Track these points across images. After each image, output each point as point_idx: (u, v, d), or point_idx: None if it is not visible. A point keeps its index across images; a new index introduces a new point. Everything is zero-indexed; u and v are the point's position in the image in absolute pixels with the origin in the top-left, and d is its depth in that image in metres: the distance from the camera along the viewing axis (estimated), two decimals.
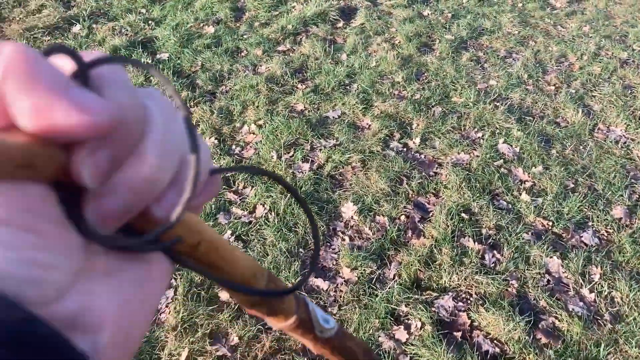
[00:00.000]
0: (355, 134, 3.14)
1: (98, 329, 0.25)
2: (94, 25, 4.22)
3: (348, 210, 2.66)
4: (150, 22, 4.26)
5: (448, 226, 2.59)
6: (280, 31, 4.16)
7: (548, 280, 2.39)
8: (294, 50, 3.97)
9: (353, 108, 3.34)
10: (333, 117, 3.28)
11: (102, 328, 0.25)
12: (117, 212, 0.25)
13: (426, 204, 2.73)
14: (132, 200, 0.25)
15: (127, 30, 4.17)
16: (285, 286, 0.42)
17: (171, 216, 0.27)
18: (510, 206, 2.73)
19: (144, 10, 4.48)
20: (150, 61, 3.74)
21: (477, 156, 3.02)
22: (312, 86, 3.55)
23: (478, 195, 2.75)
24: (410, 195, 2.77)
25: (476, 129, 3.23)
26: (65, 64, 0.24)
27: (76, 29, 4.17)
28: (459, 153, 3.04)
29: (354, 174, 2.88)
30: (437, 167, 2.96)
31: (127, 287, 0.27)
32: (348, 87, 3.56)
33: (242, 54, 3.91)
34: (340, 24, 4.34)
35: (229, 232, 2.52)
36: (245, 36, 4.12)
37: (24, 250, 0.22)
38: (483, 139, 3.15)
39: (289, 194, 2.69)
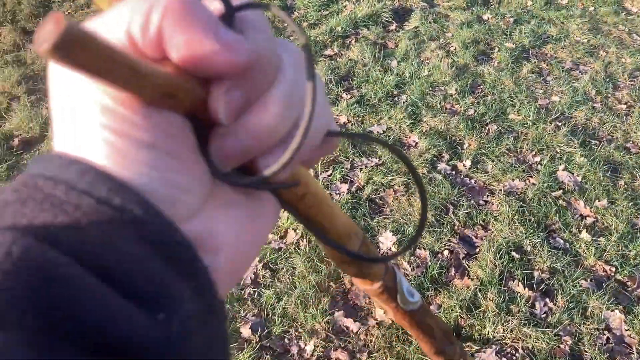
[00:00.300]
0: (400, 153, 2.92)
1: (216, 251, 0.28)
2: None
3: (386, 240, 2.45)
4: None
5: (496, 266, 2.34)
6: (328, 33, 3.95)
7: (607, 339, 2.12)
8: (342, 54, 3.76)
9: (400, 123, 3.12)
10: (378, 132, 3.07)
11: (220, 250, 0.28)
12: (235, 153, 0.27)
13: (473, 237, 2.49)
14: (251, 146, 0.27)
15: None
16: (376, 253, 0.44)
17: (274, 167, 0.28)
18: (567, 245, 2.45)
19: None
20: None
21: (534, 184, 2.74)
22: (357, 96, 3.34)
23: (532, 231, 2.49)
24: (456, 227, 2.53)
25: (534, 152, 2.94)
26: (214, 7, 0.27)
27: None
28: (513, 180, 2.77)
29: (396, 199, 2.67)
30: (488, 195, 2.70)
31: (243, 219, 0.30)
32: (396, 98, 3.33)
33: None
34: (392, 27, 4.10)
35: (256, 259, 2.36)
36: (291, 38, 3.94)
37: (165, 172, 0.25)
38: (541, 165, 2.86)
39: None
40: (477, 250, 2.43)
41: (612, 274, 2.34)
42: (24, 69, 3.57)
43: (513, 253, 2.40)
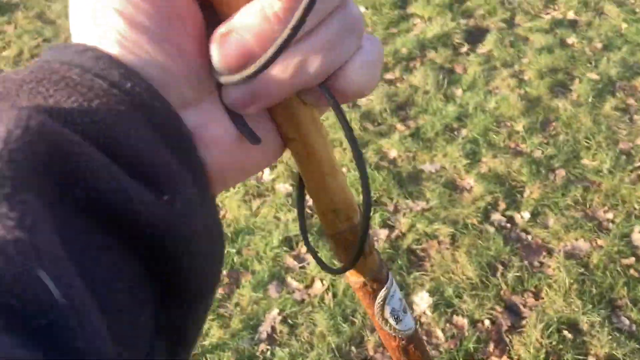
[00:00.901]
0: (451, 197, 2.66)
1: (208, 146, 0.28)
2: None
3: (422, 301, 2.22)
4: None
5: (542, 346, 2.05)
6: (392, 54, 3.72)
7: None
8: (403, 79, 3.53)
9: (455, 162, 2.85)
10: (429, 171, 2.82)
11: (212, 147, 0.29)
12: (237, 51, 0.27)
13: (521, 306, 2.21)
14: (252, 46, 0.27)
15: None
16: (366, 247, 0.40)
17: (259, 62, 0.27)
18: (634, 328, 2.11)
19: None
20: None
21: (601, 247, 2.40)
22: (413, 128, 3.10)
23: (591, 306, 2.17)
24: (502, 292, 2.26)
25: (606, 208, 2.58)
26: None
27: None
28: (577, 239, 2.44)
29: (439, 252, 2.42)
30: (544, 256, 2.39)
31: (237, 134, 0.30)
32: (455, 133, 3.06)
33: None
34: (463, 49, 3.80)
35: (276, 310, 2.21)
36: None
37: (160, 57, 0.26)
38: (613, 223, 2.51)
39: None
40: (523, 322, 2.15)
41: None
42: None
43: (565, 331, 2.10)
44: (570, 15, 4.10)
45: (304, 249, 2.47)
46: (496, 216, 2.56)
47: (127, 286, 0.23)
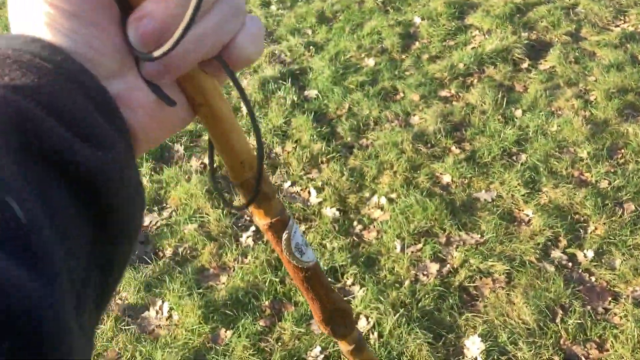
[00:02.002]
0: (507, 230, 2.50)
1: (134, 109, 0.35)
2: None
3: (473, 346, 2.09)
4: (311, 47, 3.96)
5: None
6: (448, 70, 3.57)
7: None
8: (459, 97, 3.37)
9: (513, 191, 2.68)
10: (485, 200, 2.66)
11: (138, 109, 0.35)
12: (150, 33, 0.33)
13: (583, 358, 2.04)
14: (162, 28, 0.33)
15: (285, 56, 3.92)
16: (267, 192, 0.49)
17: (165, 46, 0.33)
18: None
19: (309, 31, 4.20)
20: (296, 97, 3.43)
21: None
22: (468, 151, 2.94)
23: None
24: (562, 340, 2.09)
25: None
26: None
27: None
28: None
29: (494, 291, 2.28)
30: (610, 301, 2.21)
31: (156, 99, 0.37)
32: (514, 158, 2.89)
33: (397, 97, 3.42)
34: (524, 65, 3.60)
35: (319, 348, 2.12)
36: (407, 73, 3.61)
37: (88, 38, 0.33)
38: None
39: (401, 309, 2.20)
40: None
41: None
42: None
43: None
44: None
45: (349, 281, 2.37)
46: (556, 253, 2.39)
47: (70, 217, 0.28)
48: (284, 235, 0.52)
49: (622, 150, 2.87)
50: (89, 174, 0.29)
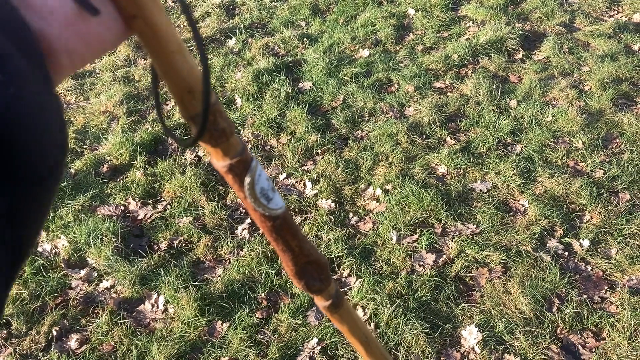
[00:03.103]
0: (503, 220, 2.50)
1: (46, 18, 0.30)
2: (250, 40, 4.01)
3: (470, 336, 2.08)
4: (305, 39, 3.93)
5: None
6: (442, 61, 3.55)
7: None
8: (453, 88, 3.36)
9: (509, 181, 2.68)
10: (480, 190, 2.66)
11: (51, 19, 0.30)
12: None
13: (580, 347, 2.04)
14: None
15: (279, 48, 3.89)
16: (224, 127, 0.41)
17: None
18: None
19: (303, 24, 4.17)
20: (290, 89, 3.42)
21: None
22: (463, 142, 2.94)
23: None
24: (559, 329, 2.09)
25: None
26: None
27: (231, 42, 4.01)
28: None
29: (490, 281, 2.27)
30: (606, 290, 2.21)
31: (78, 11, 0.31)
32: (509, 148, 2.88)
33: (392, 88, 3.40)
34: (518, 56, 3.60)
35: (316, 339, 2.11)
36: (401, 64, 3.60)
37: None
38: None
39: (397, 300, 2.19)
40: None
41: None
42: (130, 86, 3.59)
43: None
44: (636, 18, 3.84)
45: (345, 272, 2.36)
46: (552, 243, 2.39)
47: None
48: (247, 179, 0.46)
49: (617, 140, 2.87)
50: None
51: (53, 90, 0.30)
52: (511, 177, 2.69)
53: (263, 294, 2.31)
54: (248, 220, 2.62)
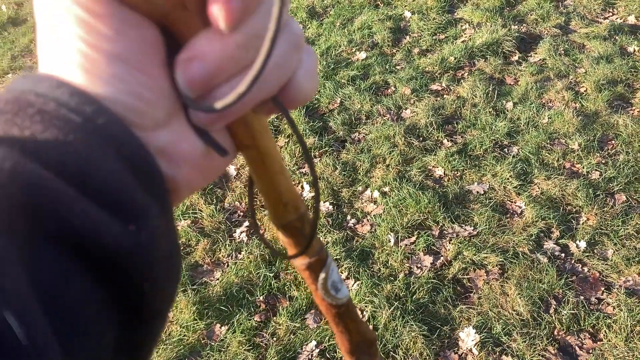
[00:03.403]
0: (500, 222, 2.51)
1: (178, 164, 0.31)
2: None
3: (468, 338, 2.09)
4: None
5: None
6: (439, 63, 3.57)
7: None
8: (450, 90, 3.37)
9: (505, 183, 2.69)
10: (477, 192, 2.67)
11: (183, 164, 0.31)
12: (200, 78, 0.29)
13: (577, 348, 2.05)
14: (215, 72, 0.29)
15: None
16: (308, 236, 0.43)
17: (230, 97, 0.29)
18: None
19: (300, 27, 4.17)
20: None
21: None
22: (460, 144, 2.95)
23: None
24: (556, 331, 2.11)
25: None
26: None
27: None
28: (639, 274, 2.26)
29: (487, 283, 2.28)
30: (603, 291, 2.23)
31: (203, 146, 0.32)
32: (505, 150, 2.89)
33: (388, 90, 3.42)
34: (514, 58, 3.61)
35: (314, 342, 2.12)
36: (398, 67, 3.61)
37: (134, 86, 0.28)
38: None
39: (395, 302, 2.20)
40: None
41: None
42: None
43: None
44: (631, 20, 3.86)
45: (343, 275, 2.36)
46: (549, 245, 2.40)
47: (93, 311, 0.25)
48: (321, 275, 0.48)
49: (613, 142, 2.89)
50: (118, 257, 0.25)
51: (173, 222, 0.30)
52: (508, 178, 2.70)
53: (261, 297, 2.31)
54: (246, 223, 2.63)
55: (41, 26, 0.29)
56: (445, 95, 3.33)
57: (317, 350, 2.10)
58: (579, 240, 2.41)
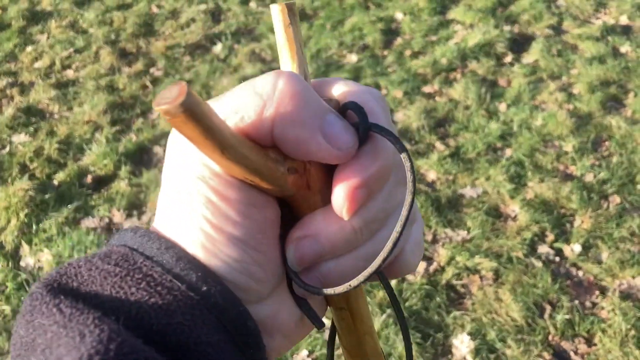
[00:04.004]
0: (494, 226, 2.48)
1: (273, 334, 0.32)
2: (236, 46, 3.98)
3: (462, 345, 2.06)
4: None
5: None
6: (431, 65, 3.54)
7: None
8: (442, 92, 3.34)
9: (499, 186, 2.66)
10: (470, 196, 2.64)
11: (277, 334, 0.32)
12: (310, 256, 0.30)
13: (572, 353, 2.02)
14: (327, 252, 0.31)
15: (266, 54, 3.87)
16: None
17: (327, 289, 0.31)
18: None
19: None
20: None
21: None
22: (453, 147, 2.92)
23: None
24: (551, 336, 2.07)
25: None
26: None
27: (217, 49, 3.97)
28: (633, 277, 2.23)
29: (481, 289, 2.25)
30: (597, 296, 2.20)
31: (299, 312, 0.33)
32: (499, 153, 2.86)
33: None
34: (507, 59, 3.59)
35: (305, 352, 2.08)
36: (389, 69, 3.58)
37: (247, 265, 0.29)
38: None
39: (388, 310, 2.16)
40: None
41: None
42: (115, 95, 3.54)
43: None
44: (623, 20, 3.84)
45: None
46: (544, 248, 2.37)
47: None
48: None
49: (606, 143, 2.86)
50: None
51: None
52: (501, 182, 2.67)
53: None
54: None
55: (167, 188, 0.30)
56: (437, 98, 3.30)
57: (309, 359, 2.06)
58: (574, 244, 2.38)
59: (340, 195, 0.29)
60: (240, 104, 0.29)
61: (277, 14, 0.34)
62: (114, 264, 0.27)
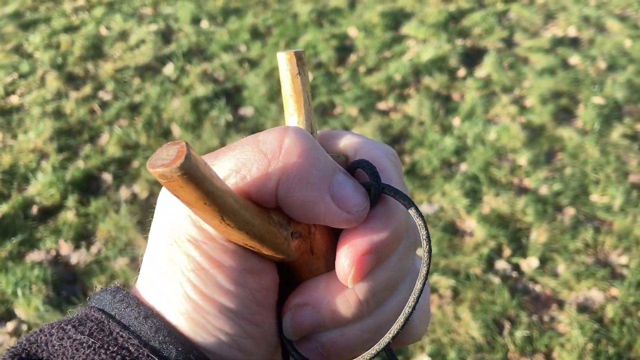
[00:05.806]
0: (451, 243, 2.46)
1: None
2: (187, 66, 3.91)
3: None
4: (244, 63, 3.86)
5: None
6: (385, 81, 3.53)
7: None
8: (397, 109, 3.33)
9: (455, 202, 2.65)
10: (427, 213, 2.62)
11: None
12: (309, 325, 0.28)
13: None
14: (327, 322, 0.28)
15: (218, 74, 3.80)
16: None
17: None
18: None
19: (243, 48, 4.09)
20: (231, 117, 3.32)
21: (615, 297, 2.19)
22: (408, 164, 2.90)
23: None
24: (510, 353, 2.05)
25: (619, 251, 2.38)
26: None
27: (168, 70, 3.89)
28: (589, 288, 2.23)
29: (440, 308, 2.22)
30: (555, 309, 2.19)
31: None
32: (454, 168, 2.86)
33: (335, 111, 3.35)
34: (460, 73, 3.61)
35: None
36: (344, 87, 3.55)
37: (238, 338, 0.27)
38: (627, 269, 2.30)
39: None
40: None
41: None
42: (61, 121, 3.42)
43: None
44: (572, 31, 3.91)
45: None
46: (501, 264, 2.36)
47: None
48: None
49: (559, 155, 2.88)
50: None
51: None
52: (457, 197, 2.66)
53: None
54: None
55: (153, 248, 0.27)
56: (392, 114, 3.29)
57: None
58: (530, 257, 2.37)
59: (346, 261, 0.27)
60: (243, 162, 0.27)
61: (284, 62, 0.32)
62: (88, 333, 0.25)
